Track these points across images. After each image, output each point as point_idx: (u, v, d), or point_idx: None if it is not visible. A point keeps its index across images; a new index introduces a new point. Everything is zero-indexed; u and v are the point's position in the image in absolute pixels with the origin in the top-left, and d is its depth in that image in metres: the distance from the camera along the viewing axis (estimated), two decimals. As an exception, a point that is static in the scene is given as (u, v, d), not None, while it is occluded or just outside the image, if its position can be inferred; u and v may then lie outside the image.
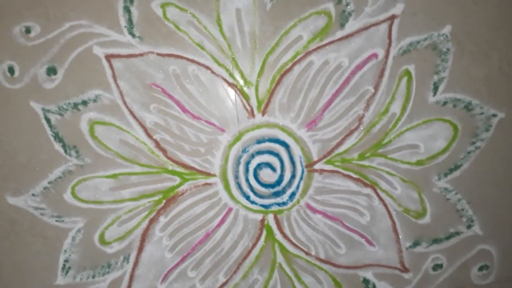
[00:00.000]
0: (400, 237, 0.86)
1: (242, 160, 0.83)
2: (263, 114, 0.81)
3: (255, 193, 0.84)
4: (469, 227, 0.87)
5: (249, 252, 0.85)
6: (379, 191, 0.84)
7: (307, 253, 0.86)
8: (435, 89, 0.82)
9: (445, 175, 0.84)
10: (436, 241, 0.87)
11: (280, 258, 0.86)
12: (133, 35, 0.77)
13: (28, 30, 0.76)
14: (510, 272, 0.89)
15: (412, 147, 0.83)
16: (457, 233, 0.87)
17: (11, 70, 0.77)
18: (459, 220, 0.86)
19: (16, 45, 0.77)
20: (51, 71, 0.77)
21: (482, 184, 0.86)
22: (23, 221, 0.81)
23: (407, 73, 0.81)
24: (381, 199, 0.84)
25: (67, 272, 0.83)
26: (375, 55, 0.80)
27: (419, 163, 0.84)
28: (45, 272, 0.83)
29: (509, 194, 0.86)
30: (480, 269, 0.88)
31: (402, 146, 0.83)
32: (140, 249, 0.83)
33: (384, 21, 0.79)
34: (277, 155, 0.83)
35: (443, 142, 0.83)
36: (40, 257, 0.83)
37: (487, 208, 0.87)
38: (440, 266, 0.88)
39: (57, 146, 0.79)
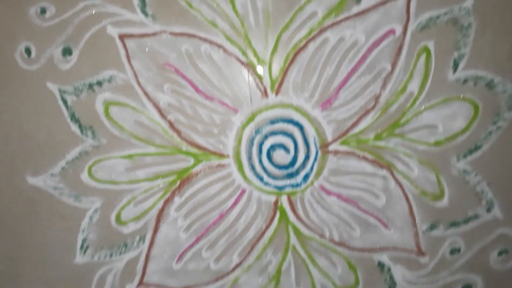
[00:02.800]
0: (417, 220, 0.75)
1: (256, 141, 0.73)
2: (276, 94, 0.71)
3: (268, 175, 0.74)
4: (488, 210, 0.75)
5: (263, 233, 0.76)
6: (395, 172, 0.73)
7: (321, 236, 0.76)
8: (455, 66, 0.70)
9: (465, 156, 0.73)
10: (453, 224, 0.75)
11: (294, 240, 0.76)
12: (146, 14, 0.68)
13: (43, 11, 0.68)
14: None
15: (430, 127, 0.72)
16: (476, 217, 0.75)
17: (27, 51, 0.69)
18: (478, 203, 0.74)
19: (32, 26, 0.69)
20: (67, 51, 0.69)
21: (504, 165, 0.73)
22: (42, 201, 0.74)
23: (426, 49, 0.69)
24: (397, 181, 0.73)
25: (85, 251, 0.75)
26: (392, 31, 0.69)
27: (437, 143, 0.72)
28: (64, 251, 0.76)
29: (532, 176, 0.74)
30: (500, 253, 0.76)
31: (420, 126, 0.72)
32: (156, 230, 0.75)
33: (401, -5, 0.68)
34: (290, 136, 0.73)
35: (462, 122, 0.72)
36: (59, 237, 0.75)
37: (508, 190, 0.74)
38: (458, 250, 0.76)
39: (74, 127, 0.71)
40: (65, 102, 0.71)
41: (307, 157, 0.74)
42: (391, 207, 0.75)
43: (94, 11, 0.68)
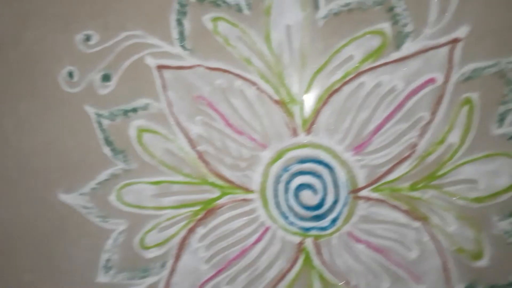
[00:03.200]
0: (452, 278, 0.96)
1: (283, 179, 0.98)
2: (307, 134, 0.96)
3: (294, 214, 0.99)
4: (534, 276, 0.94)
5: (285, 274, 1.01)
6: (430, 226, 0.95)
7: (347, 284, 0.99)
8: (501, 120, 0.90)
9: (508, 216, 0.93)
10: (493, 287, 0.95)
11: (317, 285, 1.00)
12: (183, 48, 0.96)
13: (88, 38, 0.98)
14: None
15: (470, 182, 0.92)
16: (520, 282, 0.94)
17: (70, 74, 1.00)
18: (523, 267, 0.94)
19: (76, 52, 0.98)
20: (106, 78, 0.99)
21: (554, 230, 0.92)
22: (71, 217, 1.03)
23: (469, 101, 0.90)
24: (431, 235, 0.95)
25: (107, 271, 1.05)
26: (432, 80, 0.90)
27: (477, 200, 0.92)
28: (87, 269, 1.05)
29: None
30: (546, 326, 0.95)
31: (458, 180, 0.92)
32: (177, 258, 1.03)
33: (445, 44, 0.89)
34: (319, 176, 0.97)
35: (507, 179, 0.91)
36: (84, 254, 1.04)
37: None
38: (498, 316, 0.96)
39: (106, 150, 1.01)
40: (100, 125, 1.01)
41: (336, 201, 0.97)
42: (424, 261, 0.96)
43: (135, 41, 0.97)
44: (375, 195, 0.95)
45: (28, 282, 1.08)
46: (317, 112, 0.94)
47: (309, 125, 0.95)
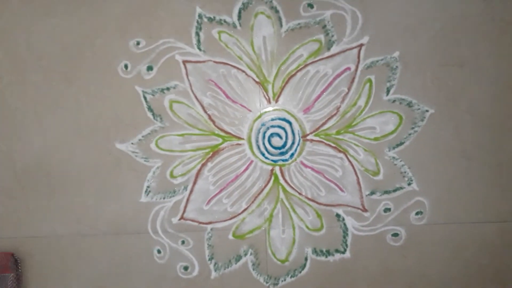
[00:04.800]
0: (362, 187, 1.53)
1: (261, 131, 1.51)
2: (276, 102, 1.51)
3: (268, 152, 1.53)
4: (409, 184, 1.51)
5: (262, 190, 1.53)
6: (348, 156, 1.52)
7: (299, 193, 1.54)
8: (388, 91, 1.48)
9: (393, 148, 1.50)
10: (386, 192, 1.52)
11: (282, 195, 1.54)
12: (199, 49, 1.49)
13: (138, 43, 1.49)
14: (438, 218, 1.50)
15: (371, 128, 1.50)
16: (401, 188, 1.51)
17: (126, 66, 1.49)
18: (402, 179, 1.51)
19: (130, 52, 1.48)
20: (149, 68, 1.49)
21: (419, 155, 1.51)
22: (124, 159, 1.51)
23: (369, 80, 1.47)
24: (349, 161, 1.52)
25: (147, 194, 1.55)
26: (349, 68, 1.47)
27: (375, 139, 1.50)
28: (134, 193, 1.53)
29: (436, 162, 1.52)
30: (417, 213, 1.53)
31: (364, 127, 1.49)
32: (195, 183, 1.53)
33: (355, 47, 1.46)
34: (283, 128, 1.52)
35: (392, 126, 1.49)
36: (132, 184, 1.52)
37: (422, 171, 1.49)
38: (389, 209, 1.53)
39: (149, 114, 1.51)
40: (145, 99, 1.51)
41: (293, 143, 1.52)
42: (345, 178, 1.53)
43: (168, 45, 1.49)
44: (316, 138, 1.51)
45: (92, 204, 1.55)
46: (281, 89, 1.49)
47: (277, 97, 1.50)
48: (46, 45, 1.52)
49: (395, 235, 1.53)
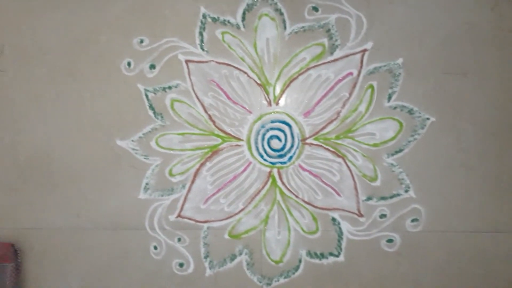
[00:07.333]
0: (359, 192, 1.44)
1: (260, 132, 1.42)
2: (277, 104, 1.41)
3: (267, 154, 1.44)
4: (406, 191, 1.42)
5: (259, 191, 1.45)
6: (347, 161, 1.43)
7: (296, 196, 1.45)
8: (389, 98, 1.38)
9: (392, 155, 1.41)
10: (383, 198, 1.42)
11: (278, 197, 1.45)
12: (202, 49, 1.39)
13: (141, 41, 1.40)
14: (434, 225, 1.41)
15: (371, 134, 1.40)
16: (398, 195, 1.42)
17: (129, 64, 1.40)
18: (400, 186, 1.42)
19: (133, 49, 1.39)
20: (152, 67, 1.40)
21: (417, 163, 1.41)
22: (124, 156, 1.43)
23: (371, 86, 1.37)
24: (347, 166, 1.43)
25: (146, 191, 1.47)
26: (351, 73, 1.37)
27: (374, 145, 1.40)
28: (133, 190, 1.44)
29: (435, 170, 1.42)
30: (412, 221, 1.44)
31: (364, 133, 1.39)
32: (193, 181, 1.45)
33: (358, 52, 1.37)
34: (283, 131, 1.43)
35: (392, 133, 1.40)
36: (131, 180, 1.43)
37: (419, 179, 1.39)
38: (385, 215, 1.44)
39: (150, 112, 1.42)
40: (147, 97, 1.42)
41: (292, 146, 1.43)
42: (343, 182, 1.44)
43: (171, 44, 1.40)
44: (315, 142, 1.42)
45: (92, 199, 1.46)
46: (282, 91, 1.40)
47: (278, 99, 1.41)
48: (51, 40, 1.43)
49: (390, 241, 1.43)
